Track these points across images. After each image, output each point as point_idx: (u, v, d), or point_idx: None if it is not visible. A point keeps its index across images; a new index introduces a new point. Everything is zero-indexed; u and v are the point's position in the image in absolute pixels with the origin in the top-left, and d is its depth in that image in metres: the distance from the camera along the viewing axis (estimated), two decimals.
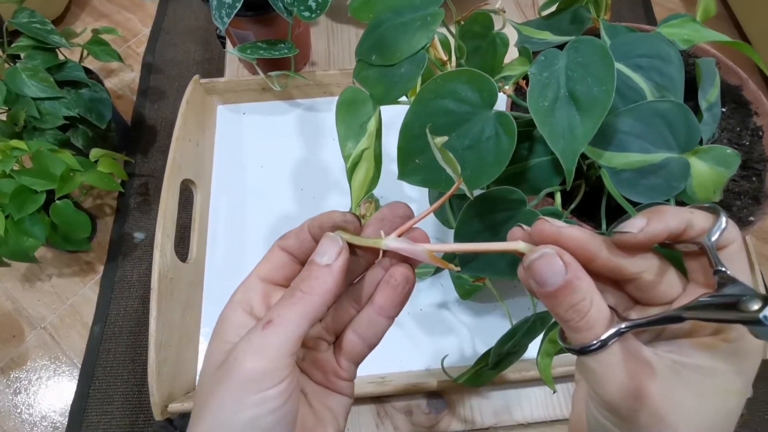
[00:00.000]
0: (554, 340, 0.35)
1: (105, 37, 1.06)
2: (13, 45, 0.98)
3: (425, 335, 0.52)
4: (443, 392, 0.49)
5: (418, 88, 0.37)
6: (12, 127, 0.96)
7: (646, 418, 0.19)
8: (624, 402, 0.19)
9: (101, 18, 1.40)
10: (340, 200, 0.58)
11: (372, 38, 0.37)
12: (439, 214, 0.43)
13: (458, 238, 0.37)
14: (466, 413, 0.49)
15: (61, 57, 1.00)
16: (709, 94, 0.40)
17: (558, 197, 0.36)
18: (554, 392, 0.48)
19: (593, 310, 0.20)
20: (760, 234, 1.10)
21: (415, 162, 0.33)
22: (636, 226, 0.20)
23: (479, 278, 0.44)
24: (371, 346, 0.25)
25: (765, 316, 0.18)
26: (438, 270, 0.41)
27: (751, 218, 0.38)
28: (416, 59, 0.34)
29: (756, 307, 0.18)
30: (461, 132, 0.32)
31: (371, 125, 0.36)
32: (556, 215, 0.34)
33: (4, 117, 0.97)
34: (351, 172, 0.35)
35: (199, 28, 1.34)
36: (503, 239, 0.34)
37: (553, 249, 0.20)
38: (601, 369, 0.20)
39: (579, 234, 0.21)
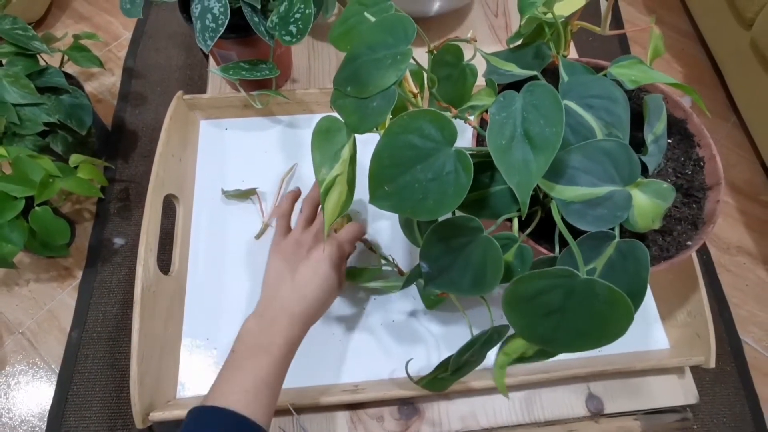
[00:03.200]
0: (508, 353, 0.38)
1: (85, 42, 1.06)
2: None
3: (396, 344, 0.55)
4: (413, 399, 0.53)
5: (387, 122, 0.40)
6: None
7: None
8: None
9: (82, 21, 1.39)
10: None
11: (348, 71, 0.40)
12: (408, 234, 0.46)
13: (423, 259, 0.40)
14: (435, 419, 0.52)
15: (41, 62, 1.00)
16: (656, 128, 0.44)
17: (515, 222, 0.40)
18: (508, 398, 0.52)
19: None
20: (720, 244, 1.16)
21: (384, 189, 0.36)
22: None
23: (443, 292, 0.48)
24: None
25: None
26: (407, 284, 0.45)
27: (689, 242, 0.42)
28: (387, 95, 0.37)
29: None
30: (426, 165, 0.35)
31: (345, 152, 0.38)
32: (511, 240, 0.38)
33: None
34: (324, 196, 0.38)
35: (181, 34, 1.34)
36: (464, 262, 0.38)
37: None
38: None
39: None
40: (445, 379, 0.44)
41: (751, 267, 1.14)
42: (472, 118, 0.43)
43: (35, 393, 0.99)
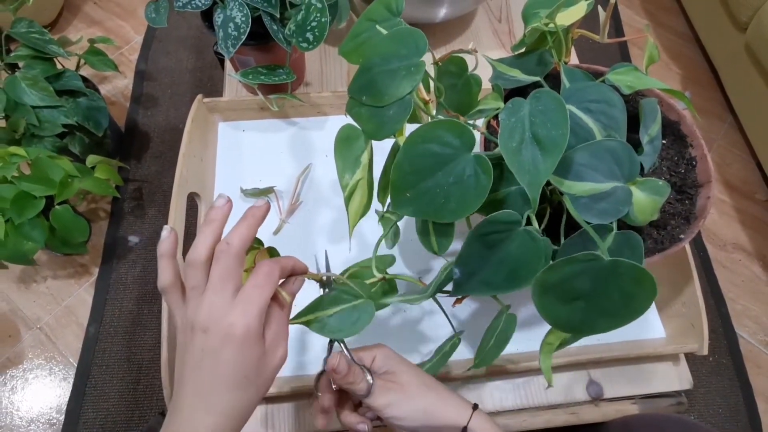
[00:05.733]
0: (551, 342, 0.42)
1: (98, 45, 1.10)
2: (11, 54, 1.01)
3: (408, 333, 0.58)
4: None
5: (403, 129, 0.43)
6: (11, 134, 0.99)
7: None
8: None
9: (93, 25, 1.43)
10: (332, 213, 0.64)
11: (362, 81, 0.43)
12: (425, 241, 0.48)
13: (460, 263, 0.40)
14: None
15: (58, 66, 1.04)
16: (651, 129, 0.47)
17: (534, 220, 0.43)
18: (552, 386, 0.49)
19: (358, 376, 0.40)
20: (716, 241, 1.20)
21: (405, 195, 0.39)
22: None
23: (459, 299, 0.47)
24: None
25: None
26: (434, 293, 0.45)
27: (681, 236, 0.45)
28: (403, 103, 0.40)
29: None
30: (447, 170, 0.38)
31: (364, 158, 0.42)
32: None
33: (3, 124, 1.00)
34: (348, 199, 0.41)
35: (191, 37, 1.37)
36: (499, 259, 0.39)
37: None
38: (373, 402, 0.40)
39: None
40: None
41: (746, 263, 1.17)
42: (480, 123, 0.47)
43: (53, 386, 1.02)
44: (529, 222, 0.43)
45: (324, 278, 0.42)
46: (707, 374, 1.05)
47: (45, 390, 1.02)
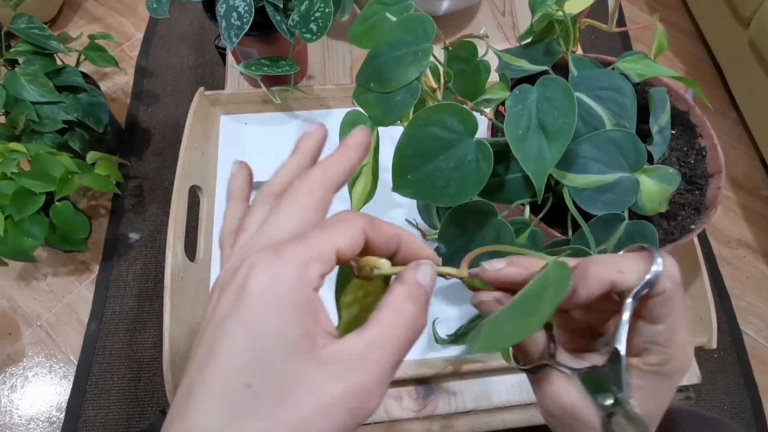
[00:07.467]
0: None
1: (99, 41, 1.09)
2: (11, 50, 1.00)
3: None
4: (430, 379, 0.55)
5: (410, 115, 0.42)
6: (11, 130, 0.98)
7: (570, 420, 0.24)
8: (553, 409, 0.25)
9: (94, 21, 1.42)
10: (337, 206, 0.63)
11: (371, 68, 0.43)
12: (427, 218, 0.49)
13: (441, 240, 0.42)
14: (450, 398, 0.55)
15: (58, 62, 1.03)
16: (660, 119, 0.47)
17: (527, 208, 0.42)
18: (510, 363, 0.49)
19: (531, 344, 0.25)
20: (721, 237, 1.19)
21: (407, 177, 0.39)
22: (493, 266, 0.25)
23: None
24: None
25: (614, 422, 0.21)
26: None
27: (692, 226, 0.44)
28: (411, 89, 0.39)
29: (609, 402, 0.22)
30: (448, 155, 0.37)
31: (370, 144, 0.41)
32: (524, 224, 0.40)
33: (2, 120, 0.99)
34: (351, 185, 0.40)
35: (192, 33, 1.37)
36: (479, 243, 0.40)
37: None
38: (535, 384, 0.26)
39: (513, 271, 0.25)
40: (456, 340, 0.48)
41: (750, 260, 1.16)
42: (488, 110, 0.46)
43: (53, 384, 1.01)
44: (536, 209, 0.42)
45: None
46: (712, 371, 1.05)
47: (45, 388, 1.01)
